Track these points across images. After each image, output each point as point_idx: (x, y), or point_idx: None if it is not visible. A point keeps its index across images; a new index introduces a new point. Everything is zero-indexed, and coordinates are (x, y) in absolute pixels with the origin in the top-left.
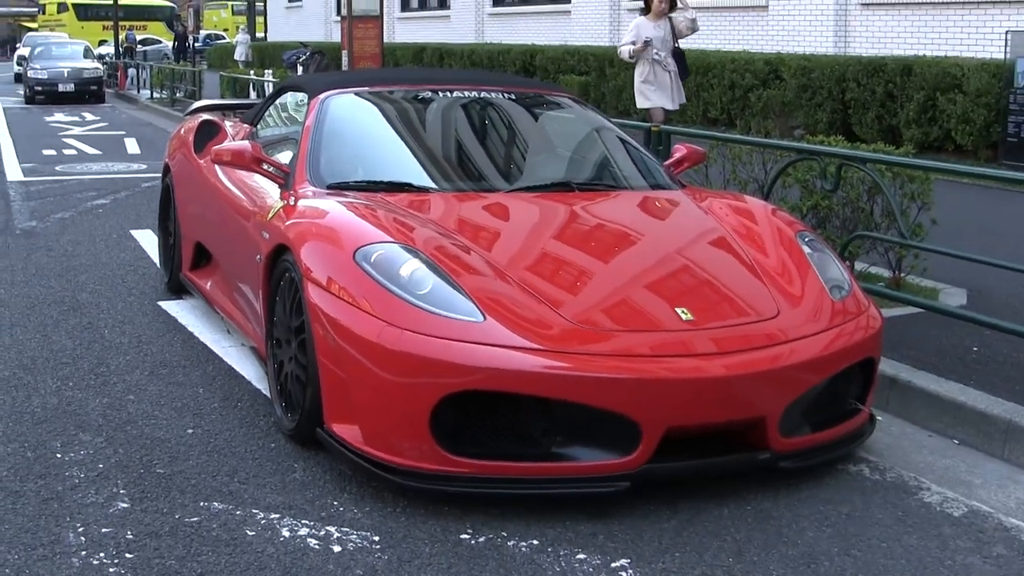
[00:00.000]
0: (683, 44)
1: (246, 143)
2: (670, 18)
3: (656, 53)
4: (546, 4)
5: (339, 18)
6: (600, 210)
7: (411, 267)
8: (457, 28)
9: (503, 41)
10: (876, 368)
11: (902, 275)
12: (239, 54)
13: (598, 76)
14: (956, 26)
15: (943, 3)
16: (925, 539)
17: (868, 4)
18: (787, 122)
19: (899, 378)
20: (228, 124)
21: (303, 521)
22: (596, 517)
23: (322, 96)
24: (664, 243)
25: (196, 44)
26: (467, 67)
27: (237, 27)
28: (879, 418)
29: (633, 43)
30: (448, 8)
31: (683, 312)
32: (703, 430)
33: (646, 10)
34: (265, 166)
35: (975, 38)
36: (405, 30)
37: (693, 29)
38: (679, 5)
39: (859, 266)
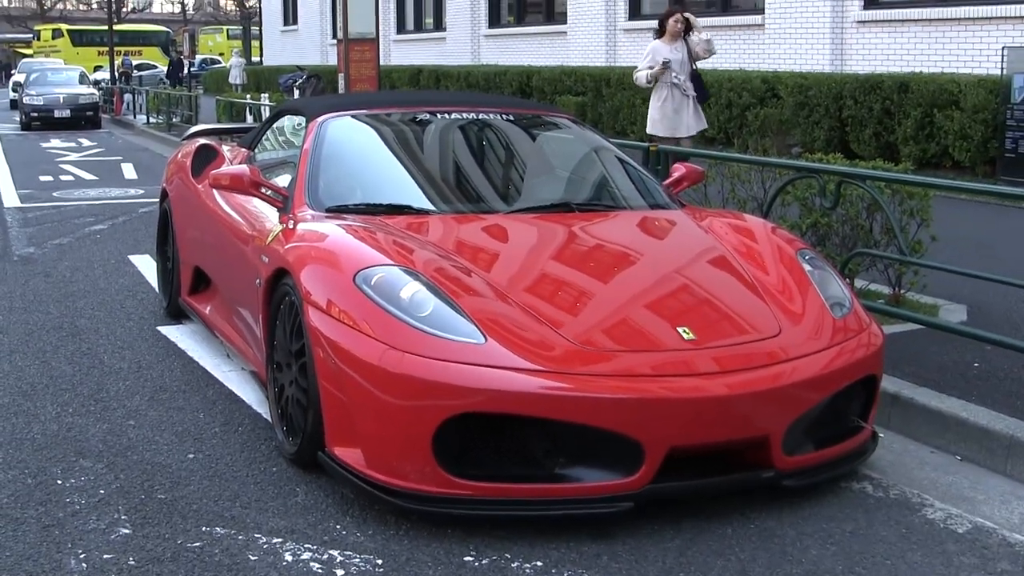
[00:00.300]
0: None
1: (244, 167)
2: (686, 40)
3: (675, 77)
4: (542, 25)
5: (335, 41)
6: (600, 230)
7: (412, 290)
8: (453, 50)
9: (499, 63)
10: (878, 385)
11: (902, 292)
12: (234, 77)
13: (595, 96)
14: (952, 42)
15: (939, 20)
16: (929, 556)
17: (864, 21)
18: (784, 140)
19: (901, 395)
20: (226, 148)
21: (306, 545)
22: (600, 538)
23: (320, 119)
24: (665, 263)
25: (192, 69)
26: (464, 89)
27: (232, 51)
28: (881, 435)
29: (651, 67)
30: (444, 30)
31: (685, 331)
32: (706, 449)
33: (660, 33)
34: (264, 190)
35: (971, 54)
36: (401, 52)
37: (710, 51)
38: (693, 27)
39: (859, 283)
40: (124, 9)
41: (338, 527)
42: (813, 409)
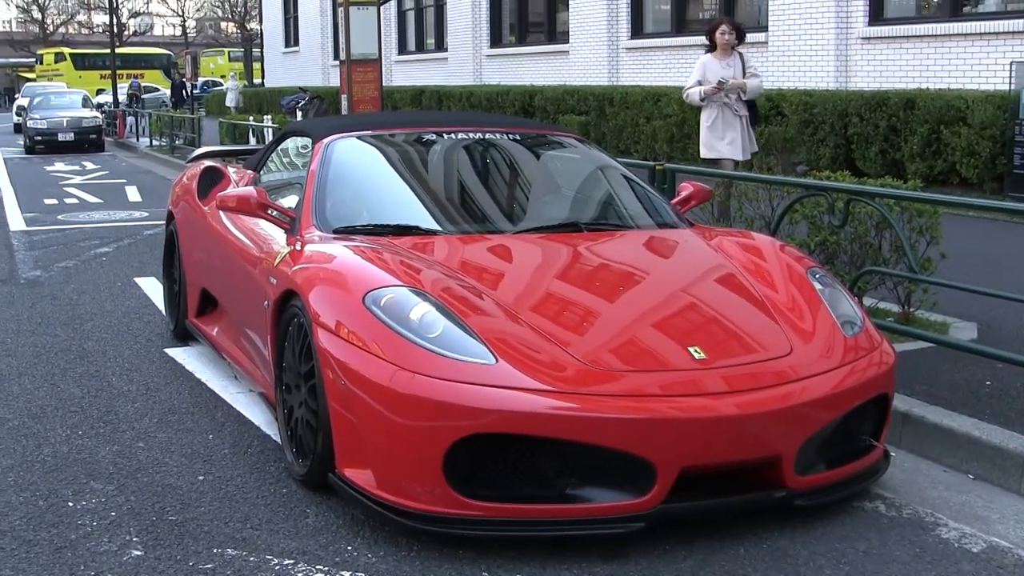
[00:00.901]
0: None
1: (251, 189)
2: (740, 54)
3: (726, 96)
4: (544, 44)
5: (336, 62)
6: (607, 250)
7: (421, 310)
8: (455, 70)
9: (501, 82)
10: (890, 404)
11: (911, 310)
12: (230, 100)
13: (598, 116)
14: (959, 58)
15: (945, 35)
16: None
17: (869, 38)
18: (789, 158)
19: (912, 413)
20: (231, 170)
21: (317, 566)
22: (612, 558)
23: (326, 140)
24: (674, 281)
25: (194, 91)
26: (466, 109)
27: (229, 74)
28: (893, 454)
29: (700, 82)
30: (446, 50)
31: (696, 351)
32: (718, 469)
33: (711, 47)
34: (271, 211)
35: (978, 70)
36: (403, 73)
37: (759, 91)
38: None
39: (868, 301)
40: (126, 32)
41: (349, 548)
42: (825, 428)
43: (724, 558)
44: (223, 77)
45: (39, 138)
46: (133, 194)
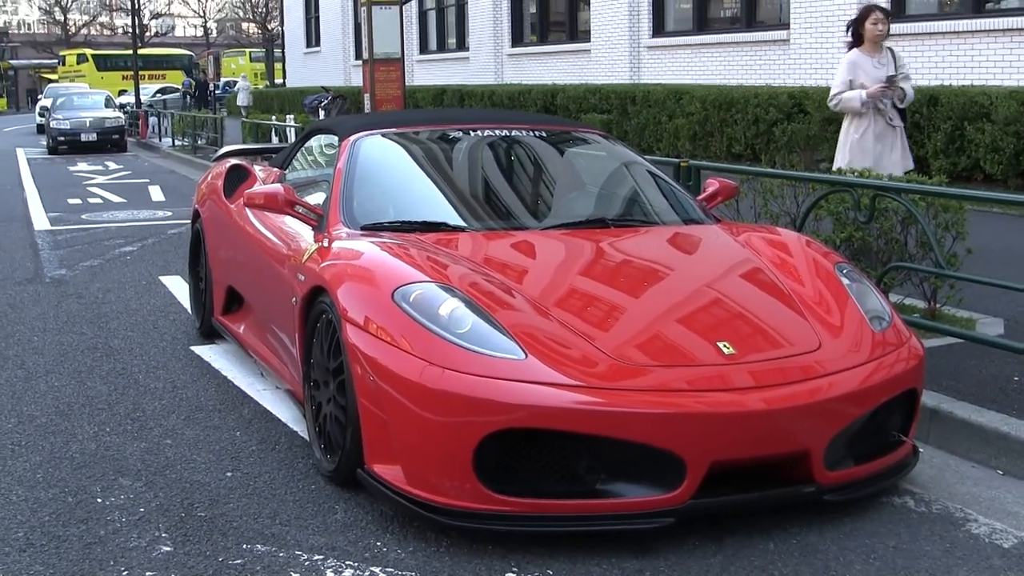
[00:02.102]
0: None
1: (278, 186)
2: (890, 49)
3: (881, 101)
4: (565, 43)
5: (358, 62)
6: (634, 245)
7: (450, 306)
8: (476, 69)
9: (523, 81)
10: (918, 399)
11: (938, 306)
12: (241, 100)
13: (620, 114)
14: (982, 55)
15: (968, 32)
16: (975, 571)
17: (890, 35)
18: (812, 155)
19: (940, 409)
20: (257, 168)
21: (347, 562)
22: (641, 553)
23: (353, 138)
24: (701, 277)
25: (216, 91)
26: (489, 108)
27: (240, 76)
28: (921, 449)
29: (849, 80)
30: (467, 49)
31: (725, 346)
32: (747, 464)
33: (857, 41)
34: (298, 208)
35: (1001, 66)
36: (425, 72)
37: (913, 97)
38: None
39: (894, 297)
40: (148, 34)
41: (379, 544)
42: (854, 424)
43: (753, 553)
44: (244, 77)
45: (62, 139)
46: (156, 193)
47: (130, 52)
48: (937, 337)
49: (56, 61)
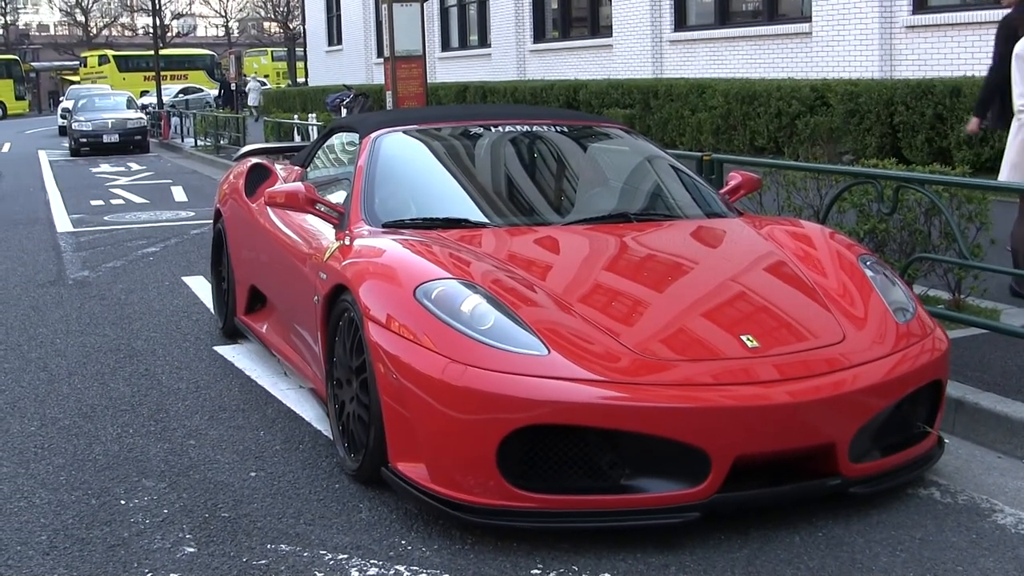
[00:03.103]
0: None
1: (299, 185)
2: None
3: None
4: (587, 39)
5: (380, 60)
6: (657, 240)
7: (472, 303)
8: (499, 65)
9: (545, 77)
10: (944, 390)
11: (962, 296)
12: (252, 100)
13: (643, 109)
14: None
15: (990, 23)
16: (1002, 562)
17: (913, 27)
18: (835, 148)
19: (965, 400)
20: (279, 167)
21: (372, 561)
22: (667, 548)
23: (374, 136)
24: (725, 271)
25: (242, 90)
26: (511, 104)
27: (251, 76)
28: (947, 441)
29: None
30: (489, 46)
31: (748, 339)
32: (772, 458)
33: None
34: (319, 207)
35: None
36: (447, 70)
37: None
38: None
39: (918, 289)
40: (169, 34)
41: (403, 542)
42: (879, 415)
43: (779, 547)
44: (266, 77)
45: (84, 140)
46: (179, 194)
47: (151, 53)
48: (961, 328)
49: (77, 63)
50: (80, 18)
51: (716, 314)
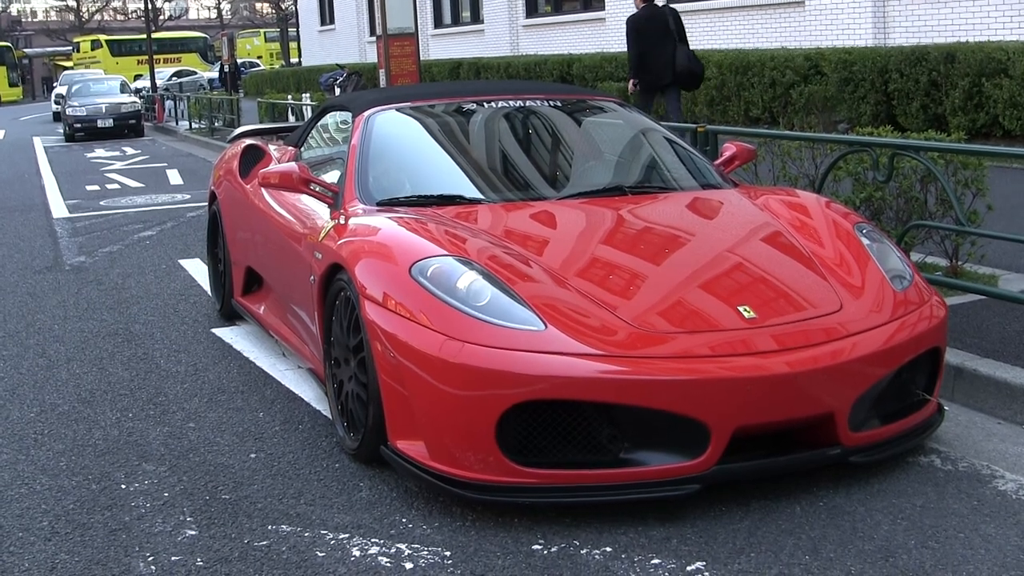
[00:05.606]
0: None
1: (293, 165)
2: None
3: None
4: (580, 12)
5: (373, 39)
6: (653, 212)
7: (468, 279)
8: (491, 41)
9: (539, 52)
10: (942, 358)
11: (959, 263)
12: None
13: None
14: (998, 9)
15: None
16: (1003, 528)
17: None
18: (830, 117)
19: (964, 367)
20: (272, 148)
21: (373, 540)
22: (668, 521)
23: (366, 114)
24: (721, 242)
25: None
26: (505, 79)
27: (257, 56)
28: (946, 408)
29: None
30: (482, 22)
31: (746, 310)
32: (772, 428)
33: None
34: (313, 186)
35: (1018, 20)
36: (440, 46)
37: None
38: None
39: (915, 256)
40: (161, 17)
41: (404, 520)
42: (878, 384)
43: (781, 517)
44: (259, 58)
45: (78, 125)
46: (174, 177)
47: (144, 36)
48: (959, 294)
49: (70, 48)
50: (72, 3)
51: (713, 285)
